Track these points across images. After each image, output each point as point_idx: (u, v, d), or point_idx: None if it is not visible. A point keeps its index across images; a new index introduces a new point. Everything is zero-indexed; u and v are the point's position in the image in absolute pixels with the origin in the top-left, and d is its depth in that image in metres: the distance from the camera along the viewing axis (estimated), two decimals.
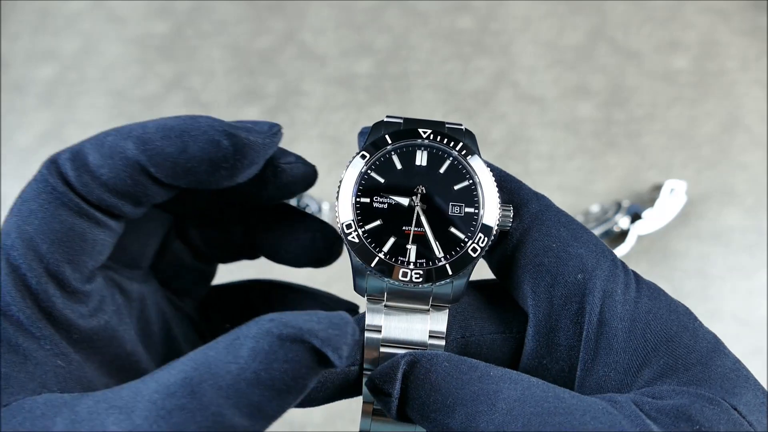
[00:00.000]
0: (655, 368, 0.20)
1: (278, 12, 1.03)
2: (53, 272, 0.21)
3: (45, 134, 0.94)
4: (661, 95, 0.95)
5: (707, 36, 1.00)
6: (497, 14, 1.03)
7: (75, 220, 0.22)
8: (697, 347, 0.21)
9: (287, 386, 0.17)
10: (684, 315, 0.22)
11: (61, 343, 0.22)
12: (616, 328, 0.21)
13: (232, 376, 0.17)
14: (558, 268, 0.22)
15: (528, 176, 0.89)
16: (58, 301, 0.22)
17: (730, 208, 0.86)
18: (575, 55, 0.99)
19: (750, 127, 0.92)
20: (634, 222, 0.81)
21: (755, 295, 0.80)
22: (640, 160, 0.90)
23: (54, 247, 0.22)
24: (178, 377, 0.17)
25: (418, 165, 0.25)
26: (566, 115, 0.94)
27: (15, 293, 0.21)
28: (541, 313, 0.22)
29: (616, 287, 0.22)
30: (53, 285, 0.21)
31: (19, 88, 0.98)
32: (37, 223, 0.22)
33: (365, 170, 0.25)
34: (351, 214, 0.24)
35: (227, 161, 0.23)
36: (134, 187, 0.23)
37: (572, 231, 0.23)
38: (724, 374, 0.20)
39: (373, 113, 0.93)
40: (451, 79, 0.97)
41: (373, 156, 0.25)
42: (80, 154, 0.23)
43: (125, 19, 1.03)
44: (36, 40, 1.02)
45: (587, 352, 0.21)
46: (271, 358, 0.17)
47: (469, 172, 0.25)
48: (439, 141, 0.25)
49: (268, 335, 0.17)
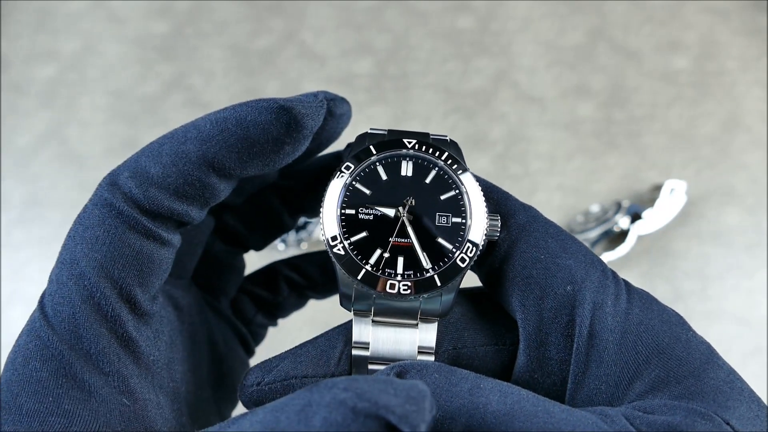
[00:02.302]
0: (646, 381, 0.20)
1: (278, 12, 1.03)
2: (126, 296, 0.21)
3: (45, 134, 0.94)
4: (661, 95, 0.95)
5: (707, 36, 1.00)
6: (497, 14, 1.03)
7: (143, 242, 0.21)
8: (690, 359, 0.20)
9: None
10: (676, 325, 0.21)
11: (128, 379, 0.21)
12: (607, 341, 0.21)
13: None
14: (547, 280, 0.22)
15: (528, 176, 0.89)
16: (130, 326, 0.21)
17: (730, 208, 0.86)
18: (575, 55, 0.99)
19: (750, 127, 0.92)
20: (634, 222, 0.81)
21: (755, 295, 0.80)
22: (640, 160, 0.90)
23: (125, 272, 0.21)
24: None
25: (404, 175, 0.24)
26: (566, 115, 0.94)
27: (89, 323, 0.20)
28: (531, 326, 0.22)
29: (607, 298, 0.21)
30: (126, 309, 0.21)
31: (19, 88, 0.97)
32: (106, 249, 0.21)
33: (350, 182, 0.24)
34: (336, 227, 0.23)
35: (290, 135, 0.22)
36: (203, 188, 0.22)
37: (561, 242, 0.23)
38: (717, 387, 0.20)
39: (373, 113, 0.93)
40: (451, 79, 0.97)
41: (357, 167, 0.24)
42: (140, 169, 0.22)
43: (125, 19, 1.03)
44: (36, 40, 1.02)
45: (578, 365, 0.21)
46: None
47: (455, 182, 0.24)
48: (424, 151, 0.25)
49: (342, 406, 0.16)
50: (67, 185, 0.91)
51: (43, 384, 0.20)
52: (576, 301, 0.21)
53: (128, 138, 0.94)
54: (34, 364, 0.20)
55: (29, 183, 0.91)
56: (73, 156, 0.93)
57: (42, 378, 0.20)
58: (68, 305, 0.20)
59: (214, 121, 0.22)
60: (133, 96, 0.97)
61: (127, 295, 0.21)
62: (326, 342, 0.24)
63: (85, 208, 0.22)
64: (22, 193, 0.90)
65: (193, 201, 0.22)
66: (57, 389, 0.20)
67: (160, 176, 0.21)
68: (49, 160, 0.92)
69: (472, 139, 0.92)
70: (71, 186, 0.91)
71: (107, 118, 0.95)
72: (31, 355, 0.20)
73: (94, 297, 0.20)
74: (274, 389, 0.23)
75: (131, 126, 0.95)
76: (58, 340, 0.20)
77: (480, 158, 0.90)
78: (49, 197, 0.90)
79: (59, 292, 0.21)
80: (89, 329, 0.20)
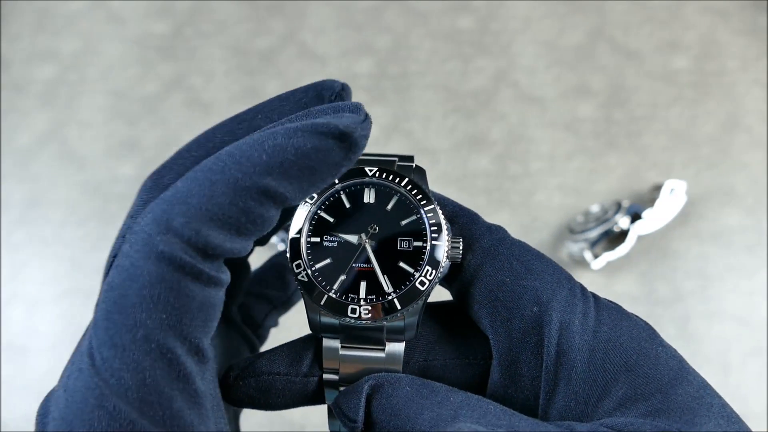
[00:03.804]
0: (614, 399, 0.20)
1: (278, 12, 1.03)
2: (194, 349, 0.20)
3: (45, 134, 0.94)
4: (661, 95, 0.95)
5: (707, 36, 1.00)
6: (497, 14, 1.03)
7: (204, 290, 0.20)
8: (658, 375, 0.21)
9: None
10: (646, 340, 0.22)
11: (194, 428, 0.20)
12: (575, 359, 0.21)
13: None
14: (513, 302, 0.22)
15: (528, 176, 0.89)
16: (197, 378, 0.20)
17: (730, 208, 0.86)
18: (575, 55, 0.99)
19: (750, 127, 0.92)
20: (634, 222, 0.81)
21: (755, 295, 0.80)
22: (640, 160, 0.90)
23: (192, 325, 0.20)
24: None
25: (367, 202, 0.25)
26: (566, 115, 0.94)
27: (162, 387, 0.19)
28: (501, 346, 0.22)
29: (574, 317, 0.22)
30: (194, 362, 0.20)
31: (19, 88, 0.98)
32: (171, 307, 0.19)
33: (315, 210, 0.25)
34: (301, 254, 0.24)
35: (348, 159, 0.21)
36: (263, 222, 0.21)
37: (525, 263, 0.23)
38: (684, 403, 0.20)
39: (373, 113, 0.93)
40: (451, 79, 0.97)
41: (321, 196, 0.25)
42: (195, 211, 0.19)
43: (125, 19, 1.03)
44: (36, 40, 1.02)
45: (547, 383, 0.21)
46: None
47: (416, 207, 0.25)
48: (384, 178, 0.25)
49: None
50: (67, 185, 0.91)
51: None
52: (542, 321, 0.22)
53: (128, 138, 0.94)
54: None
55: (29, 183, 0.91)
56: (73, 156, 0.93)
57: None
58: (135, 371, 0.19)
59: (270, 151, 0.20)
60: (133, 96, 0.97)
61: (195, 347, 0.20)
62: (301, 345, 0.25)
63: (132, 259, 0.19)
64: (22, 193, 0.90)
65: (252, 236, 0.21)
66: None
67: (220, 216, 0.20)
68: (49, 160, 0.92)
69: (472, 139, 0.92)
70: (71, 186, 0.91)
71: (107, 118, 0.95)
72: (99, 428, 0.19)
73: (164, 358, 0.19)
74: (248, 384, 0.24)
75: (131, 126, 0.95)
76: (129, 408, 0.18)
77: (480, 158, 0.90)
78: (49, 197, 0.90)
79: (122, 358, 0.19)
80: (162, 393, 0.19)
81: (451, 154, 0.91)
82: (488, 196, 0.87)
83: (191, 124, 0.94)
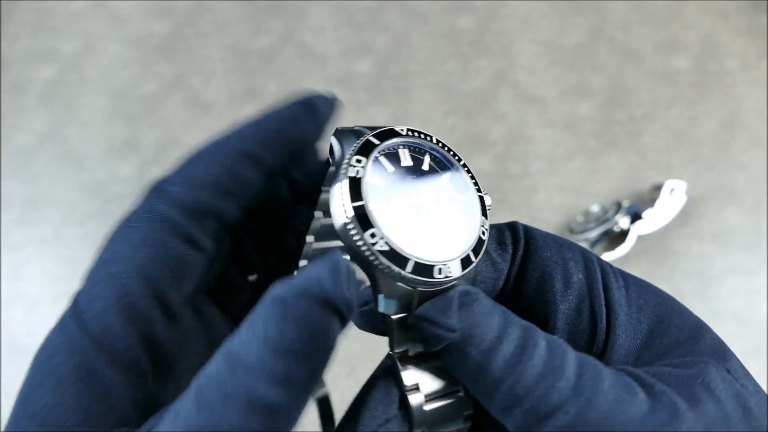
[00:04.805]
0: (653, 349, 0.22)
1: (278, 12, 1.03)
2: (160, 297, 0.21)
3: (45, 134, 0.94)
4: (661, 95, 0.95)
5: (707, 36, 1.00)
6: (497, 14, 1.03)
7: (182, 247, 0.22)
8: (686, 325, 0.22)
9: (308, 344, 0.17)
10: (668, 299, 0.24)
11: (147, 377, 0.21)
12: (616, 313, 0.23)
13: (255, 353, 0.17)
14: (564, 273, 0.23)
15: (528, 176, 0.89)
16: (159, 327, 0.21)
17: (730, 208, 0.86)
18: (575, 55, 0.99)
19: (750, 127, 0.92)
20: (634, 222, 0.81)
21: (755, 296, 0.80)
22: (640, 160, 0.90)
23: (162, 274, 0.22)
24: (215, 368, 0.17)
25: (404, 166, 0.24)
26: (566, 115, 0.94)
27: (119, 321, 0.20)
28: (562, 318, 0.23)
29: (609, 278, 0.23)
30: (158, 311, 0.21)
31: (19, 88, 0.98)
32: (146, 251, 0.21)
33: (363, 176, 0.22)
34: (373, 221, 0.21)
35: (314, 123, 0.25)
36: (242, 181, 0.23)
37: (554, 239, 0.25)
38: (713, 346, 0.21)
39: (373, 113, 0.93)
40: (451, 79, 0.97)
41: (367, 160, 0.23)
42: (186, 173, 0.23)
43: (125, 19, 1.03)
44: (36, 40, 1.02)
45: (600, 343, 0.23)
46: (282, 321, 0.17)
47: (449, 162, 0.25)
48: (416, 136, 0.25)
49: (275, 301, 0.17)
50: (67, 185, 0.91)
51: (64, 379, 0.20)
52: (590, 285, 0.23)
53: (128, 138, 0.94)
54: (58, 359, 0.20)
55: (29, 183, 0.91)
56: (73, 156, 0.93)
57: (63, 372, 0.20)
58: (100, 301, 0.21)
59: (252, 122, 0.24)
60: (133, 96, 0.97)
61: (161, 296, 0.22)
62: (385, 383, 0.23)
63: (130, 212, 0.23)
64: (22, 193, 0.90)
65: (232, 196, 0.23)
66: (77, 384, 0.20)
67: (203, 174, 0.23)
68: (49, 160, 0.92)
69: (472, 139, 0.92)
70: (71, 186, 0.91)
71: (107, 118, 0.95)
72: (56, 350, 0.21)
73: (128, 296, 0.21)
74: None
75: (131, 126, 0.95)
76: (84, 336, 0.20)
77: (480, 158, 0.90)
78: (49, 197, 0.90)
79: (93, 289, 0.21)
80: (118, 326, 0.20)
81: None
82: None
83: (191, 124, 0.94)
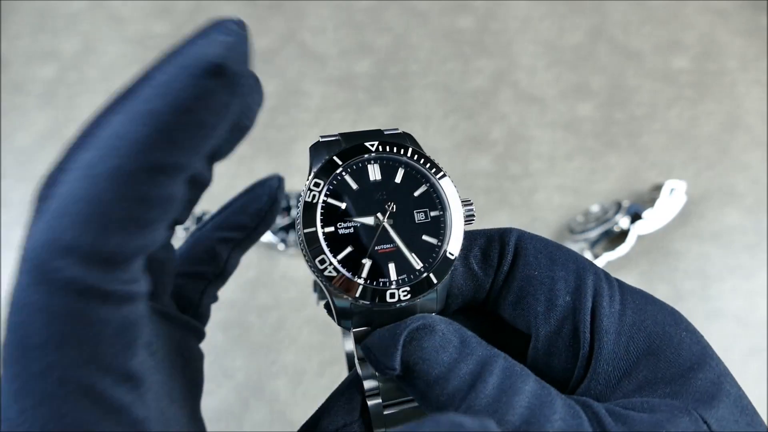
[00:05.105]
0: (635, 381, 0.21)
1: (278, 12, 1.03)
2: (120, 375, 0.17)
3: (45, 134, 0.94)
4: (661, 95, 0.95)
5: (707, 36, 1.00)
6: (497, 14, 1.03)
7: (118, 312, 0.17)
8: (679, 361, 0.21)
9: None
10: (670, 325, 0.22)
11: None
12: (602, 341, 0.21)
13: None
14: (546, 294, 0.22)
15: (528, 176, 0.89)
16: (125, 400, 0.17)
17: (730, 208, 0.86)
18: (575, 55, 0.99)
19: (750, 127, 0.92)
20: (634, 222, 0.81)
21: (755, 296, 0.80)
22: (640, 160, 0.90)
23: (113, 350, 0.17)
24: None
25: (373, 180, 0.23)
26: (566, 115, 0.94)
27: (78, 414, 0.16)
28: (539, 338, 0.22)
29: (602, 301, 0.22)
30: (122, 388, 0.17)
31: (19, 88, 0.98)
32: (74, 341, 0.16)
33: (322, 199, 0.23)
34: (322, 248, 0.22)
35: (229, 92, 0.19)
36: (160, 201, 0.18)
37: (549, 255, 0.23)
38: (702, 388, 0.20)
39: (373, 113, 0.93)
40: (451, 79, 0.97)
41: (326, 182, 0.23)
42: (79, 220, 0.17)
43: (125, 19, 1.03)
44: (36, 40, 1.02)
45: (581, 367, 0.22)
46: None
47: (424, 176, 0.24)
48: (388, 151, 0.23)
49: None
50: None
51: None
52: (576, 309, 0.22)
53: None
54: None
55: (29, 183, 0.91)
56: None
57: None
58: (56, 419, 0.16)
59: (147, 120, 0.17)
60: None
61: (123, 375, 0.17)
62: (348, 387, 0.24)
63: (27, 292, 0.17)
64: (22, 192, 0.90)
65: (159, 222, 0.18)
66: None
67: (112, 215, 0.16)
68: (49, 160, 0.92)
69: (472, 139, 0.92)
70: None
71: None
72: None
73: (87, 397, 0.16)
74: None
75: None
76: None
77: (480, 158, 0.90)
78: None
79: (37, 410, 0.16)
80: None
81: (451, 154, 0.91)
82: (488, 196, 0.87)
83: None
